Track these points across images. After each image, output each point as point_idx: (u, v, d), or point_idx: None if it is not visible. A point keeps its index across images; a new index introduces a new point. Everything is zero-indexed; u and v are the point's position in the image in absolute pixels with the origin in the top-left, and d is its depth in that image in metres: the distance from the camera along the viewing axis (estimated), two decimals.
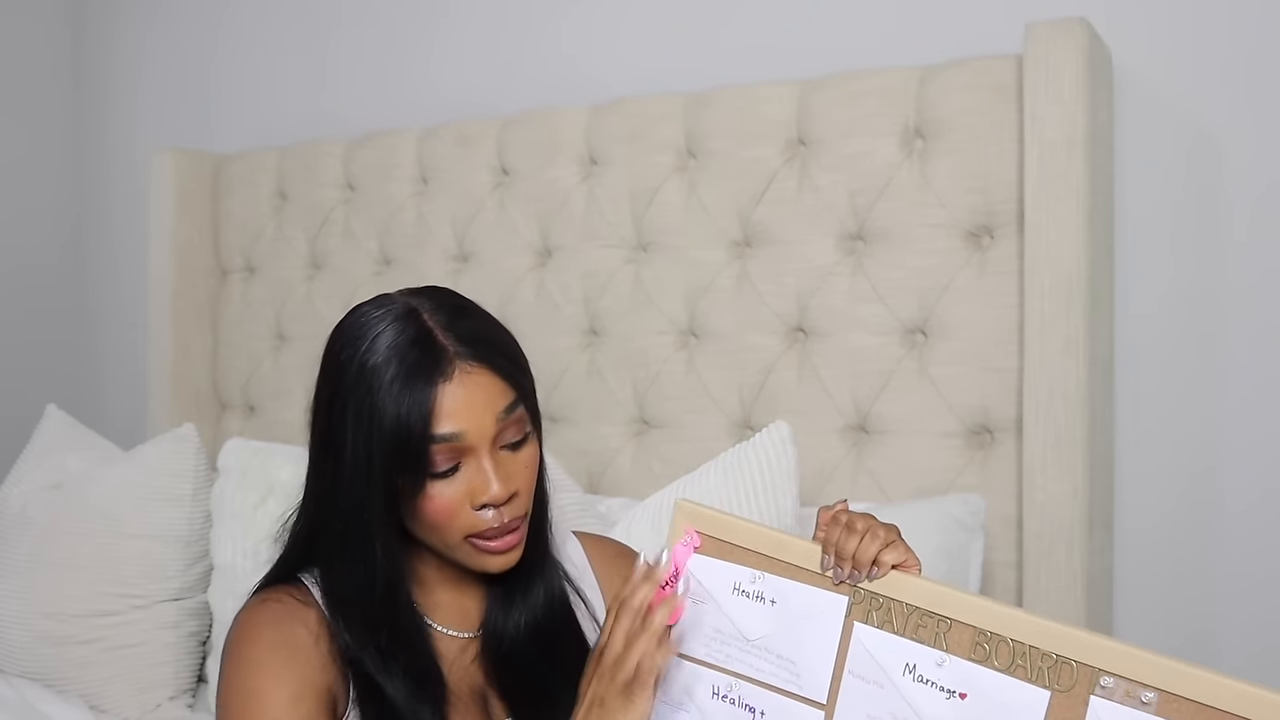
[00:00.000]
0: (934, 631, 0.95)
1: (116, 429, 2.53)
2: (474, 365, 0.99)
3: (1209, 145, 1.63)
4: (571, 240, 1.98)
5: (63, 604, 1.84)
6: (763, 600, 1.02)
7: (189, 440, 1.97)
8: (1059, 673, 0.90)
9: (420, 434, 0.96)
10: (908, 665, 0.95)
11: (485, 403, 0.99)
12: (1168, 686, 0.85)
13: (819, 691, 0.99)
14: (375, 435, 0.97)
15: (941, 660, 0.94)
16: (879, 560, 0.97)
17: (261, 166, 2.38)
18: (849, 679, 0.98)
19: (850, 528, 0.98)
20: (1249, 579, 1.61)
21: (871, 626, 0.97)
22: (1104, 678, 0.88)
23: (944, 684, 0.93)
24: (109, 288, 2.79)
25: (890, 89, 1.70)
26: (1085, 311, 1.52)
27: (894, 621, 0.96)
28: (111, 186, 2.78)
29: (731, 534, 1.04)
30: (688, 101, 1.88)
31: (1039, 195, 1.55)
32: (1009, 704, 0.91)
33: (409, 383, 0.97)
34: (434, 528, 1.00)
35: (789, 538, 1.03)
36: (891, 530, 0.98)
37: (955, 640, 0.94)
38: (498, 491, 0.99)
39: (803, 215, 1.77)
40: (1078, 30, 1.53)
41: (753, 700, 1.02)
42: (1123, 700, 0.87)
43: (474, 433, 0.98)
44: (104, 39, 2.80)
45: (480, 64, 2.24)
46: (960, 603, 0.95)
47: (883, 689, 0.96)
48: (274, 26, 2.52)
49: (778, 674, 1.01)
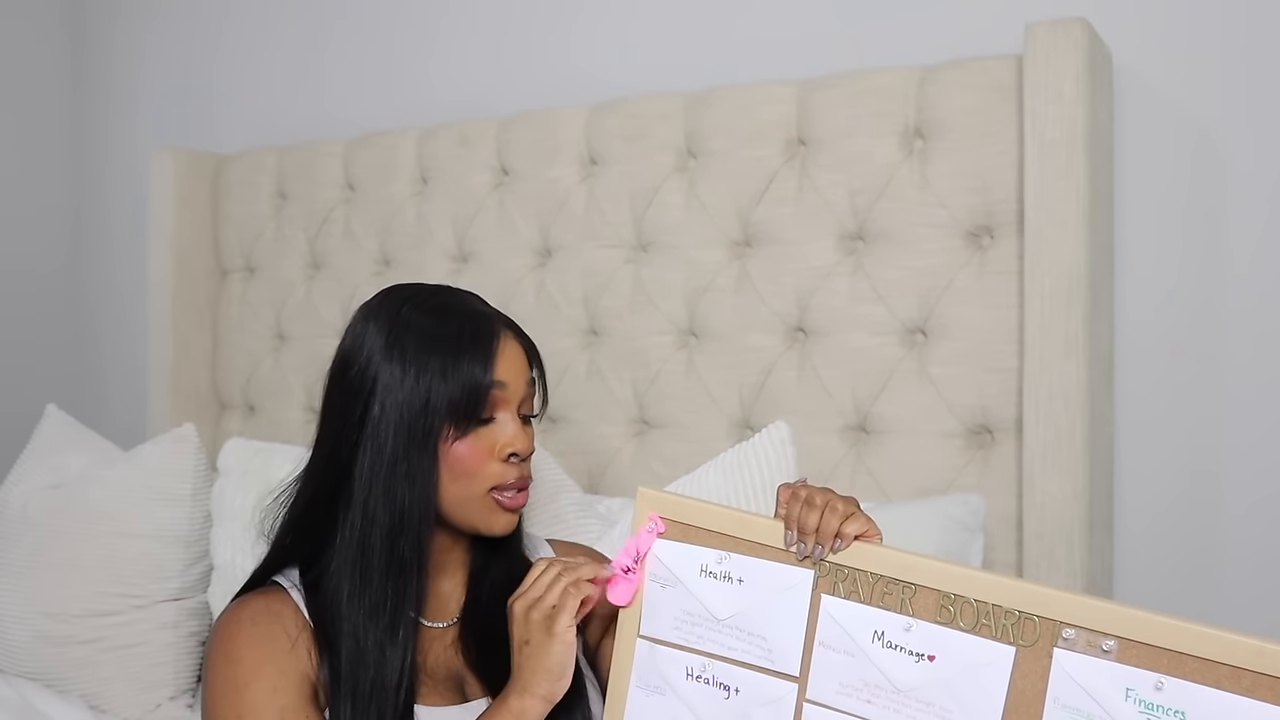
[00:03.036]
0: (899, 598, 0.97)
1: (116, 429, 2.53)
2: (513, 335, 1.14)
3: (1209, 145, 1.63)
4: (571, 240, 1.98)
5: (63, 604, 1.84)
6: (730, 580, 1.04)
7: (189, 440, 1.97)
8: (1022, 628, 0.92)
9: (484, 377, 1.08)
10: (876, 632, 0.97)
11: (521, 366, 1.13)
12: (1127, 633, 0.87)
13: (791, 665, 1.01)
14: (437, 378, 1.07)
15: (909, 625, 0.96)
16: (841, 532, 1.00)
17: (261, 166, 2.38)
18: (819, 650, 1.00)
19: (810, 503, 1.01)
20: (1250, 579, 1.61)
21: (838, 598, 0.99)
22: (1065, 630, 0.90)
23: (912, 648, 0.96)
24: (109, 288, 2.79)
25: (890, 89, 1.70)
26: (1085, 312, 1.52)
27: (860, 591, 0.99)
28: (111, 186, 2.78)
29: (695, 517, 1.07)
30: (688, 101, 1.88)
31: (1039, 195, 1.55)
32: (976, 663, 0.93)
33: (482, 327, 1.11)
34: (466, 475, 1.09)
35: (752, 516, 1.05)
36: (850, 502, 1.01)
37: (920, 605, 0.96)
38: (525, 444, 1.11)
39: (803, 215, 1.77)
40: (1078, 30, 1.53)
41: (726, 678, 1.04)
42: (1085, 650, 0.89)
43: (513, 388, 1.11)
44: (104, 39, 2.80)
45: (480, 64, 2.24)
46: (923, 568, 0.97)
47: (853, 658, 0.98)
48: (274, 26, 2.52)
49: (749, 651, 1.03)
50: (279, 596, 1.10)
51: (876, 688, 0.97)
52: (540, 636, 1.02)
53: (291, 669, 1.05)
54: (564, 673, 1.03)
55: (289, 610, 1.09)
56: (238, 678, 1.04)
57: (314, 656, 1.07)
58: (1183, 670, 0.85)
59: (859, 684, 0.97)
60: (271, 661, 1.05)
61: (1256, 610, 1.60)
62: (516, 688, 1.03)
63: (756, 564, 1.03)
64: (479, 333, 1.11)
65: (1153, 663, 0.86)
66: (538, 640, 1.02)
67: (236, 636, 1.07)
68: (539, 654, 1.02)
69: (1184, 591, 1.64)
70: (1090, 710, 0.88)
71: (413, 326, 1.09)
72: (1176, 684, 0.85)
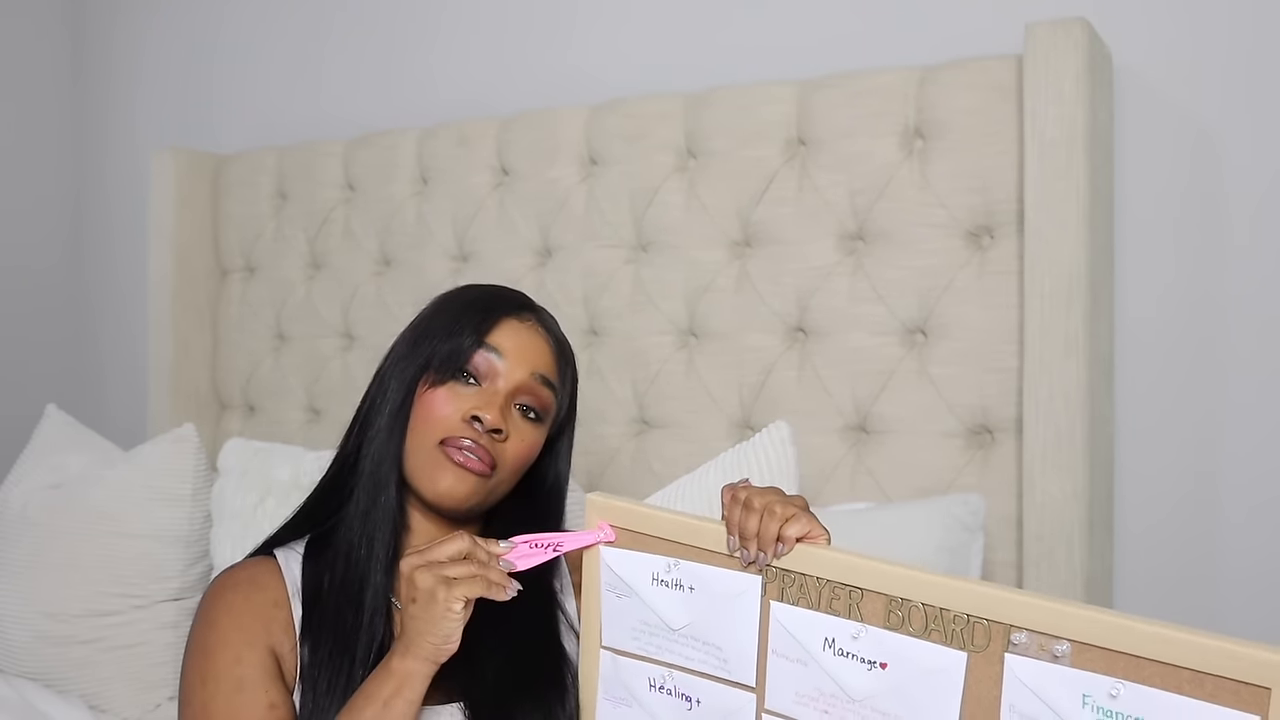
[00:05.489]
0: (847, 602, 0.92)
1: (116, 429, 2.53)
2: (542, 329, 1.16)
3: (1209, 145, 1.63)
4: (571, 240, 1.98)
5: (63, 604, 1.84)
6: (681, 588, 1.00)
7: (189, 440, 1.96)
8: (972, 632, 0.87)
9: (473, 335, 1.10)
10: (826, 639, 0.93)
11: (532, 354, 1.13)
12: (1079, 636, 0.82)
13: (747, 674, 0.97)
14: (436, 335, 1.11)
15: (858, 631, 0.92)
16: (782, 536, 0.95)
17: (261, 166, 2.37)
18: (774, 659, 0.96)
19: (749, 506, 0.97)
20: (1250, 580, 1.61)
21: (787, 604, 0.95)
22: (1015, 633, 0.85)
23: (864, 655, 0.91)
24: (109, 288, 2.79)
25: (890, 89, 1.70)
26: (1085, 311, 1.52)
27: (808, 596, 0.94)
28: (111, 186, 2.78)
29: (643, 524, 1.03)
30: (688, 101, 1.88)
31: (1039, 195, 1.55)
32: (929, 669, 0.88)
33: (492, 300, 1.14)
34: (424, 421, 1.09)
35: (698, 521, 1.01)
36: (792, 503, 0.96)
37: (869, 609, 0.92)
38: (493, 417, 1.08)
39: (803, 215, 1.77)
40: (1078, 30, 1.53)
41: (687, 689, 1.01)
42: (1036, 655, 0.84)
43: (509, 363, 1.11)
44: (104, 39, 2.80)
45: (480, 64, 2.24)
46: (868, 570, 0.92)
47: (806, 666, 0.94)
48: (274, 26, 2.52)
49: (707, 660, 0.99)
50: (268, 567, 1.12)
51: (832, 697, 0.93)
52: (425, 602, 0.96)
53: (259, 642, 1.06)
54: (450, 639, 0.96)
55: (274, 581, 1.11)
56: (208, 642, 1.07)
57: (294, 630, 1.08)
58: (1141, 675, 0.79)
59: (814, 693, 0.94)
60: (241, 631, 1.07)
61: (1257, 610, 1.60)
62: (400, 648, 0.98)
63: (705, 570, 0.99)
64: (490, 303, 1.13)
65: (1108, 667, 0.80)
66: (424, 604, 0.96)
67: (216, 602, 1.10)
68: (425, 618, 0.96)
69: (1185, 592, 1.64)
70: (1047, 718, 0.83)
71: (437, 301, 1.17)
72: (1134, 689, 0.79)
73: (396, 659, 0.97)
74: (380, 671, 0.99)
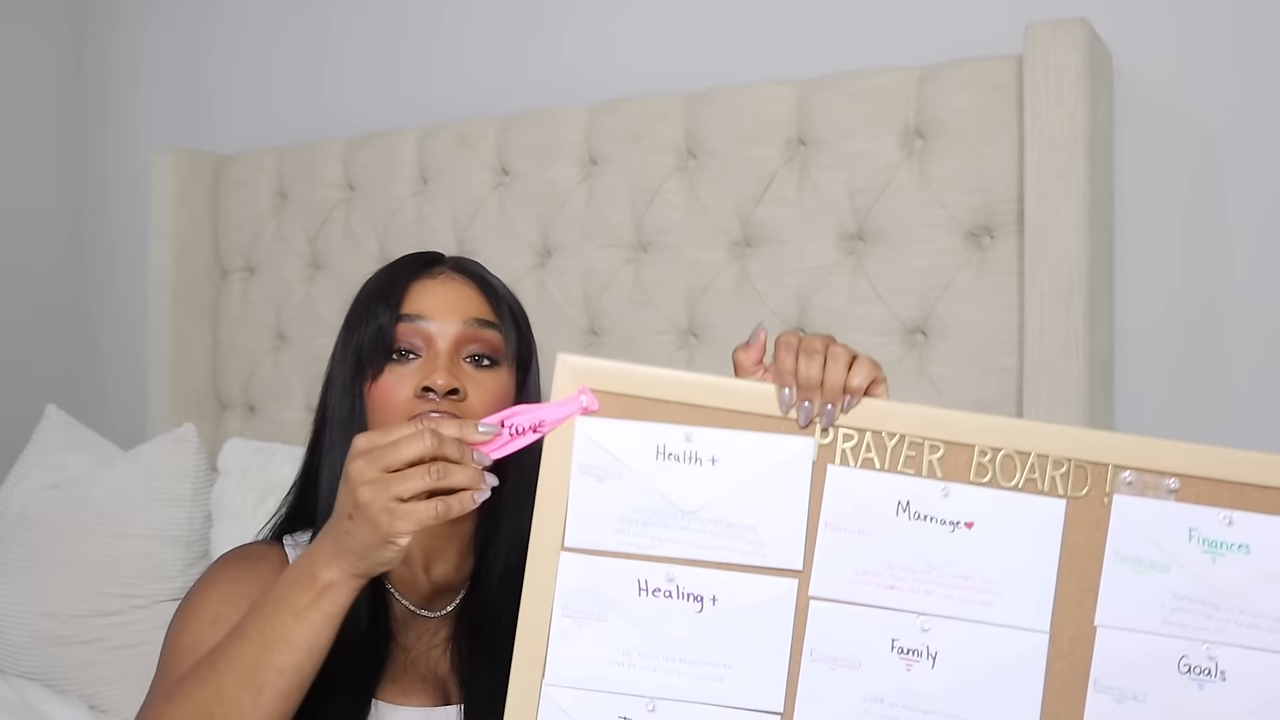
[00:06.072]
0: (925, 460, 0.84)
1: (116, 429, 2.53)
2: (459, 275, 1.07)
3: (1209, 145, 1.63)
4: (571, 240, 1.98)
5: (63, 604, 1.85)
6: (698, 461, 0.85)
7: (189, 440, 1.97)
8: (1072, 478, 0.83)
9: (388, 313, 1.02)
10: (900, 504, 0.84)
11: (458, 304, 1.04)
12: (1189, 470, 0.82)
13: (790, 556, 0.85)
14: (356, 327, 1.04)
15: (945, 490, 0.83)
16: (850, 386, 0.83)
17: (261, 166, 2.38)
18: (827, 534, 0.85)
19: (809, 350, 0.84)
20: None
21: (850, 467, 0.84)
22: (1123, 473, 0.83)
23: (946, 516, 0.83)
24: (109, 288, 2.79)
25: (890, 89, 1.70)
26: (1085, 311, 1.52)
27: (877, 457, 0.84)
28: (111, 186, 2.78)
29: (645, 386, 0.87)
30: (687, 101, 1.88)
31: (1039, 195, 1.55)
32: (1022, 523, 0.83)
33: (396, 270, 1.06)
34: (382, 415, 1.01)
35: (726, 380, 0.87)
36: (847, 347, 0.85)
37: (952, 465, 0.84)
38: (444, 380, 0.98)
39: (803, 215, 1.77)
40: (1078, 30, 1.53)
41: (699, 586, 0.85)
42: (1143, 492, 0.83)
43: (438, 323, 1.02)
44: (105, 39, 2.80)
45: (480, 64, 2.24)
46: (954, 422, 0.84)
47: (871, 537, 0.84)
48: (274, 26, 2.52)
49: (730, 547, 0.85)
50: (273, 549, 1.07)
51: (903, 569, 0.83)
52: (364, 525, 0.81)
53: (248, 591, 0.98)
54: (389, 563, 0.83)
55: (278, 557, 1.05)
56: (197, 588, 1.02)
57: None
58: (1245, 502, 0.81)
59: (880, 568, 0.83)
60: (234, 583, 1.00)
61: None
62: (325, 551, 0.84)
63: (735, 437, 0.84)
64: (395, 274, 1.06)
65: (1216, 498, 0.81)
66: (361, 526, 0.82)
67: (215, 566, 1.05)
68: (359, 539, 0.82)
69: None
70: (1153, 558, 0.82)
71: (357, 294, 1.09)
72: (1246, 517, 0.81)
73: (321, 565, 0.84)
74: (298, 574, 0.85)
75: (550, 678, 0.86)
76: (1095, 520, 0.83)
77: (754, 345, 0.89)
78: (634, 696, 0.85)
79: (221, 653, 0.86)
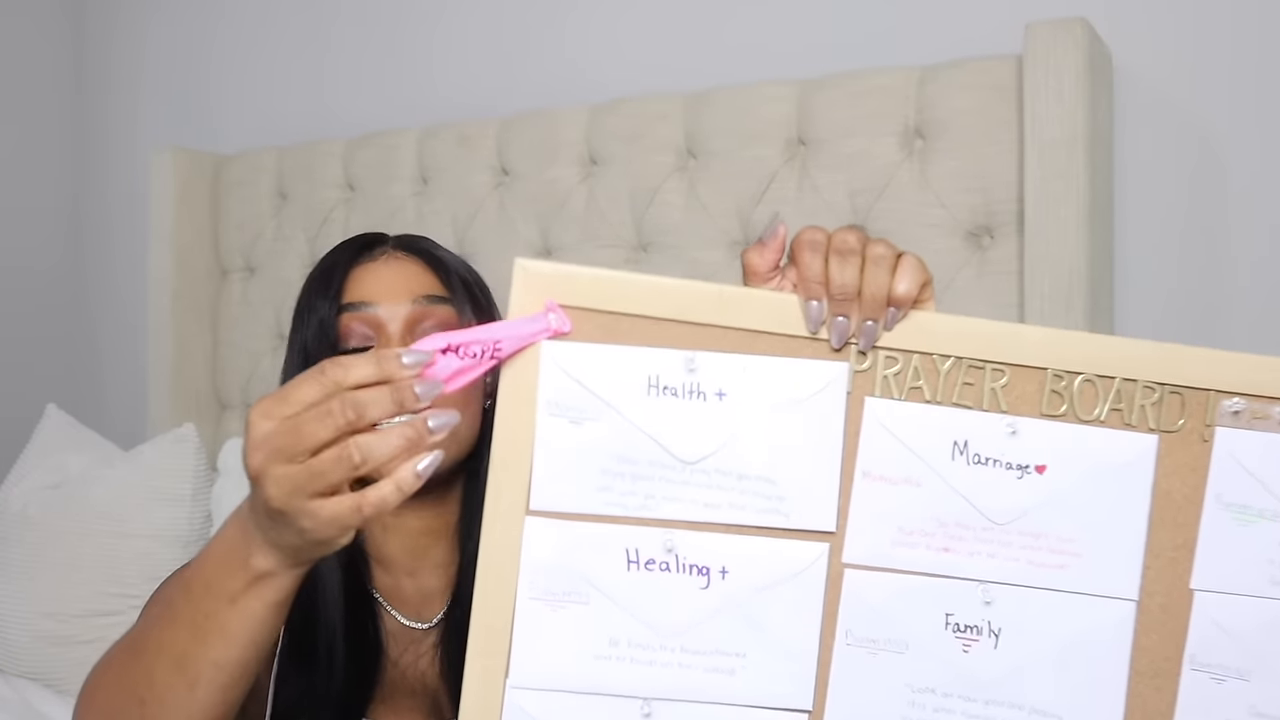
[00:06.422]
0: (986, 389, 0.68)
1: (116, 429, 2.53)
2: (402, 253, 1.01)
3: (1209, 145, 1.63)
4: (571, 240, 1.98)
5: (63, 604, 1.85)
6: (701, 396, 0.68)
7: (189, 440, 1.97)
8: (1164, 409, 0.68)
9: (328, 305, 0.96)
10: (956, 444, 0.68)
11: (403, 283, 0.97)
12: None
13: (820, 515, 0.68)
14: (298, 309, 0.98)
15: (1012, 426, 0.68)
16: (895, 294, 0.66)
17: (261, 166, 2.38)
18: (865, 485, 0.68)
19: (841, 251, 0.66)
20: None
21: (893, 400, 0.68)
22: (1228, 401, 0.68)
23: (1013, 459, 0.68)
24: (109, 288, 2.79)
25: (890, 89, 1.70)
26: (1085, 312, 1.52)
27: (926, 385, 0.68)
28: (111, 186, 2.78)
29: (631, 300, 0.68)
30: (687, 101, 1.88)
31: (1039, 195, 1.55)
32: (1104, 465, 0.68)
33: (334, 258, 1.00)
34: None
35: (737, 290, 0.69)
36: (888, 243, 0.68)
37: (1019, 395, 0.68)
38: None
39: (803, 215, 1.77)
40: (1078, 30, 1.53)
41: (704, 556, 0.68)
42: (1252, 424, 0.68)
43: (385, 306, 0.95)
44: (104, 39, 2.80)
45: (480, 64, 2.24)
46: (1020, 340, 0.68)
47: (920, 487, 0.68)
48: (274, 26, 2.52)
49: (745, 504, 0.68)
50: None
51: (959, 526, 0.68)
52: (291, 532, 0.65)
53: None
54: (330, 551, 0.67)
55: None
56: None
57: None
58: None
59: (930, 525, 0.68)
60: None
61: None
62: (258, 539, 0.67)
63: (750, 365, 0.68)
64: (331, 263, 0.99)
65: None
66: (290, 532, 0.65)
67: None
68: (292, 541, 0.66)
69: None
70: (1263, 505, 0.67)
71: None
72: None
73: (255, 550, 0.68)
74: (229, 554, 0.69)
75: (516, 678, 0.68)
76: (1193, 460, 0.68)
77: (770, 242, 0.70)
78: (624, 698, 0.69)
79: (152, 632, 0.74)
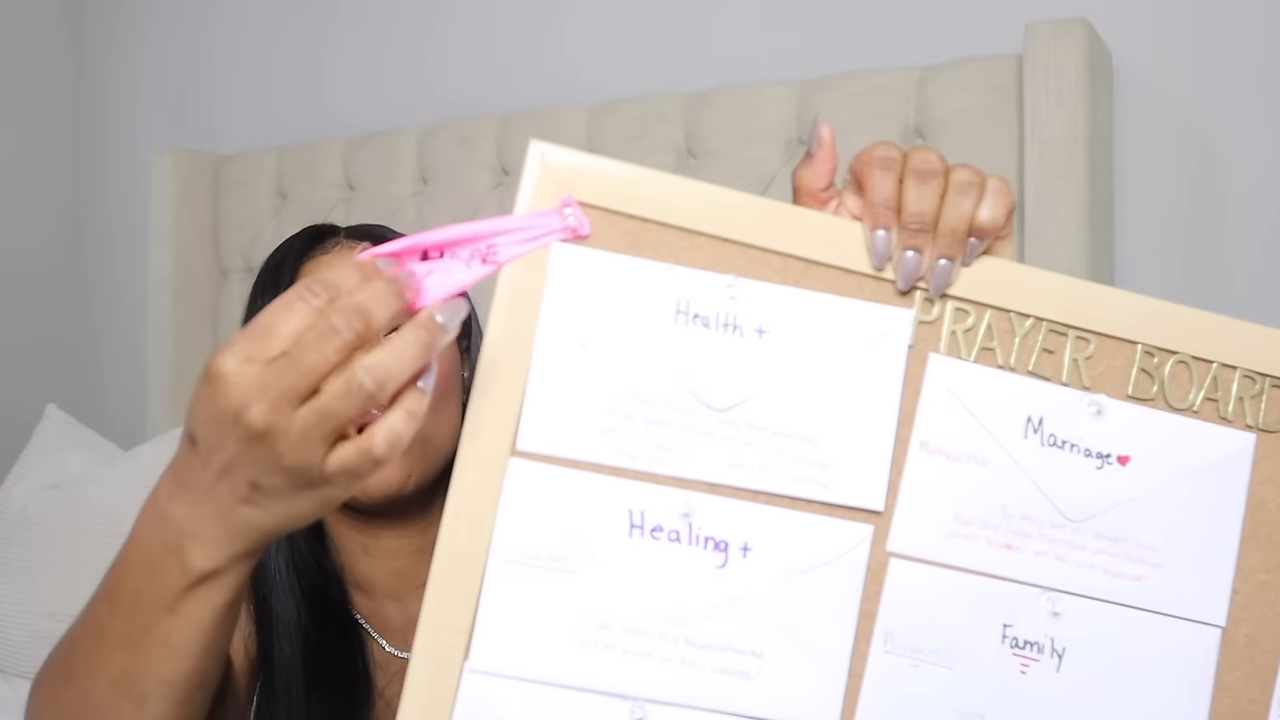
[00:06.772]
0: (1068, 359, 0.57)
1: (116, 429, 2.53)
2: (355, 244, 0.94)
3: (1209, 145, 1.63)
4: None
5: (63, 604, 1.84)
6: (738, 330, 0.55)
7: None
8: (1266, 404, 0.57)
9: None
10: (1030, 421, 0.57)
11: None
12: None
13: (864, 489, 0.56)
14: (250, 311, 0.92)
15: (1097, 406, 0.56)
16: (978, 224, 0.55)
17: (261, 166, 2.38)
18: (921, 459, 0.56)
19: (922, 172, 0.55)
20: None
21: (961, 360, 0.56)
22: None
23: (1094, 445, 0.57)
24: (109, 288, 2.79)
25: (890, 89, 1.70)
26: None
27: (1000, 347, 0.57)
28: (111, 186, 2.78)
29: (666, 207, 0.57)
30: (687, 101, 1.88)
31: (1039, 195, 1.55)
32: (1194, 463, 0.57)
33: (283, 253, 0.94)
34: None
35: (789, 208, 0.58)
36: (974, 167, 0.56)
37: (1105, 370, 0.57)
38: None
39: None
40: (1078, 30, 1.53)
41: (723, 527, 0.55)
42: None
43: None
44: (104, 39, 2.80)
45: (480, 64, 2.24)
46: (1112, 306, 0.57)
47: (986, 468, 0.56)
48: (274, 26, 2.52)
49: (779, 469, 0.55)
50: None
51: (1025, 519, 0.57)
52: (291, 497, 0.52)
53: None
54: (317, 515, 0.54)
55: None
56: None
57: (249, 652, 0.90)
58: None
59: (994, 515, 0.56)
60: None
61: None
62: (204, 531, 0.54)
63: (798, 300, 0.55)
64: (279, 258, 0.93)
65: None
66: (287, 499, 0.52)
67: None
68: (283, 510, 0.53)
69: None
70: None
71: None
72: None
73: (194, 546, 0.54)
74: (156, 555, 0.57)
75: (477, 660, 0.54)
76: None
77: (818, 151, 0.58)
78: (610, 696, 0.55)
79: (77, 652, 0.65)
